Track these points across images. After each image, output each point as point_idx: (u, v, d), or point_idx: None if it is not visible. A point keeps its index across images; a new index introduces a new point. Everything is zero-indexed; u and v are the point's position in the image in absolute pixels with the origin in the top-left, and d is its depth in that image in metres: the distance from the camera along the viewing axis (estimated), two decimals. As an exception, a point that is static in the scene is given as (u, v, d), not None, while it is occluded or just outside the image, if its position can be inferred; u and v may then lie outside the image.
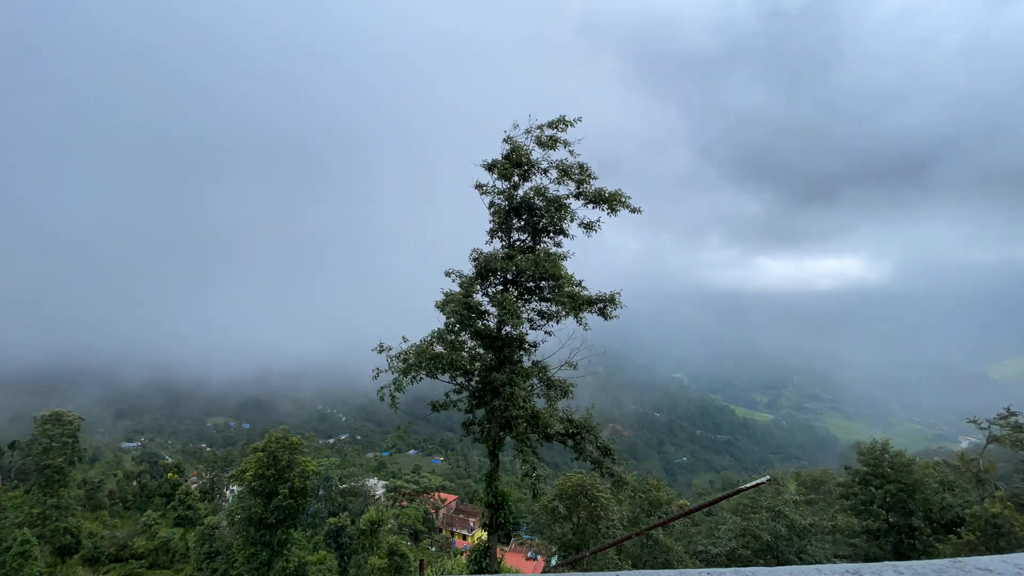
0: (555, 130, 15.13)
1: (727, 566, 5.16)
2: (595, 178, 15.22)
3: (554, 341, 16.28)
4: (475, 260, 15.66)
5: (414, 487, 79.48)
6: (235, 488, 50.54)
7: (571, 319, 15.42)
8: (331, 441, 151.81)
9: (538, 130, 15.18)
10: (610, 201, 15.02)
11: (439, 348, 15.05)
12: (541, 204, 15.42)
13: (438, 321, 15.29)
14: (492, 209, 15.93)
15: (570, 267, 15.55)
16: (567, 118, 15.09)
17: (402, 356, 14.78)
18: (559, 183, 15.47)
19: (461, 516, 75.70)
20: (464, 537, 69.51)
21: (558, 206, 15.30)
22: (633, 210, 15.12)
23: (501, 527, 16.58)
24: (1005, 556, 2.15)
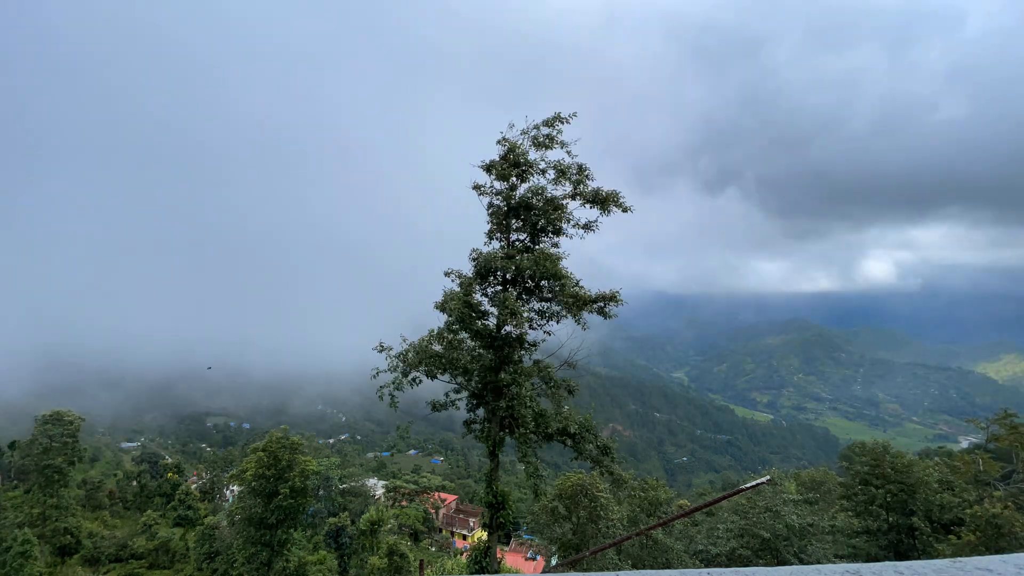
0: (551, 128, 15.15)
1: (727, 566, 5.15)
2: (592, 179, 15.24)
3: (554, 340, 16.28)
4: (474, 260, 15.67)
5: (414, 487, 79.41)
6: (235, 488, 50.54)
7: (570, 319, 15.42)
8: (331, 441, 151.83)
9: (534, 129, 15.20)
10: (605, 201, 15.07)
11: (438, 347, 15.05)
12: (539, 204, 15.42)
13: (438, 321, 15.30)
14: (490, 210, 15.94)
15: (569, 267, 15.56)
16: (562, 115, 15.11)
17: (402, 356, 14.78)
18: (556, 183, 15.48)
19: (461, 516, 75.68)
20: (464, 537, 69.49)
21: (555, 206, 15.31)
22: (625, 209, 15.16)
23: (501, 527, 16.58)
24: (1005, 556, 2.14)
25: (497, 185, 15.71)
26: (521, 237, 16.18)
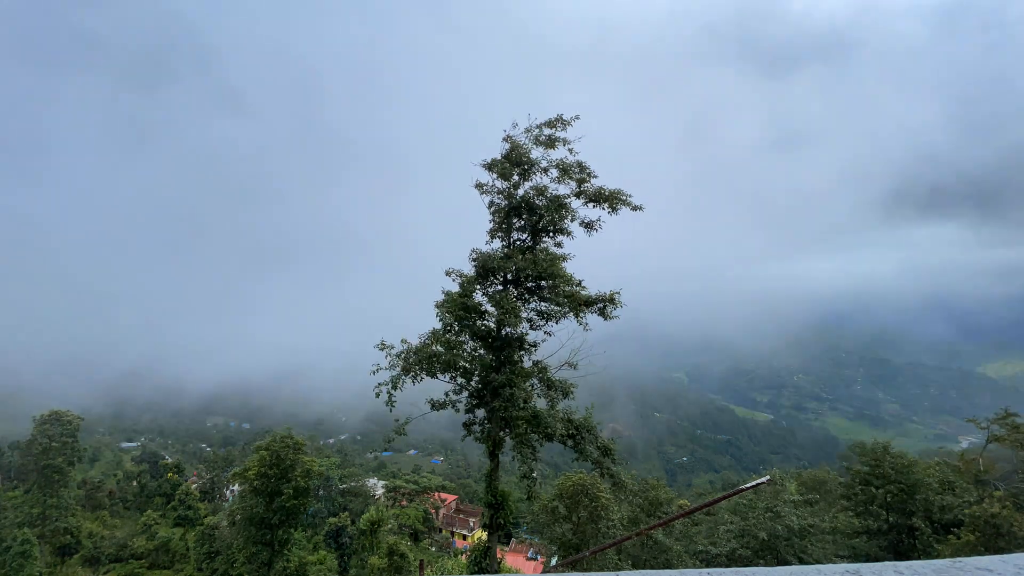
0: (553, 129, 15.15)
1: (727, 566, 5.15)
2: (595, 177, 15.23)
3: (554, 341, 16.27)
4: (475, 260, 15.65)
5: (414, 487, 79.38)
6: (235, 488, 50.55)
7: (571, 319, 15.41)
8: (331, 441, 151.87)
9: (537, 129, 15.20)
10: (611, 200, 15.01)
11: (438, 347, 15.03)
12: (541, 203, 15.40)
13: (436, 321, 15.30)
14: (492, 209, 15.92)
15: (571, 266, 15.54)
16: (564, 117, 15.10)
17: (402, 355, 14.77)
18: (559, 182, 15.46)
19: (461, 516, 75.67)
20: (464, 537, 69.48)
21: (558, 205, 15.29)
22: (634, 208, 15.12)
23: (501, 527, 16.57)
24: (1005, 556, 2.14)
25: (499, 184, 15.70)
26: (522, 237, 16.17)
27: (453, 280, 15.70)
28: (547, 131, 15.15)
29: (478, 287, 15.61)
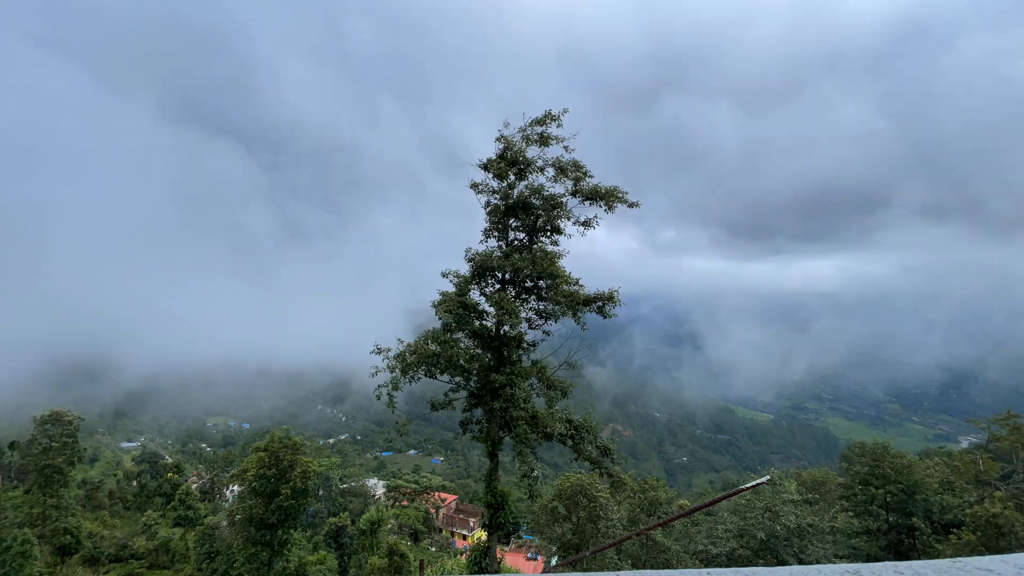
0: (543, 126, 15.11)
1: (727, 566, 5.13)
2: (591, 176, 15.17)
3: (554, 340, 16.26)
4: (471, 260, 15.61)
5: (414, 487, 79.43)
6: (235, 488, 50.59)
7: (570, 318, 15.38)
8: (331, 441, 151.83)
9: (528, 128, 15.17)
10: (607, 198, 14.92)
11: (434, 347, 15.00)
12: (538, 203, 15.36)
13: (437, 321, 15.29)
14: (488, 208, 15.88)
15: (568, 266, 15.53)
16: (552, 112, 15.07)
17: (399, 356, 14.75)
18: (555, 180, 15.42)
19: (461, 516, 75.64)
20: (464, 537, 69.46)
21: (554, 204, 15.25)
22: (631, 205, 15.03)
23: (501, 527, 16.55)
24: (1005, 556, 2.12)
25: (494, 184, 15.67)
26: (519, 236, 16.14)
27: (450, 281, 15.67)
28: (538, 129, 15.11)
29: (474, 287, 15.59)
